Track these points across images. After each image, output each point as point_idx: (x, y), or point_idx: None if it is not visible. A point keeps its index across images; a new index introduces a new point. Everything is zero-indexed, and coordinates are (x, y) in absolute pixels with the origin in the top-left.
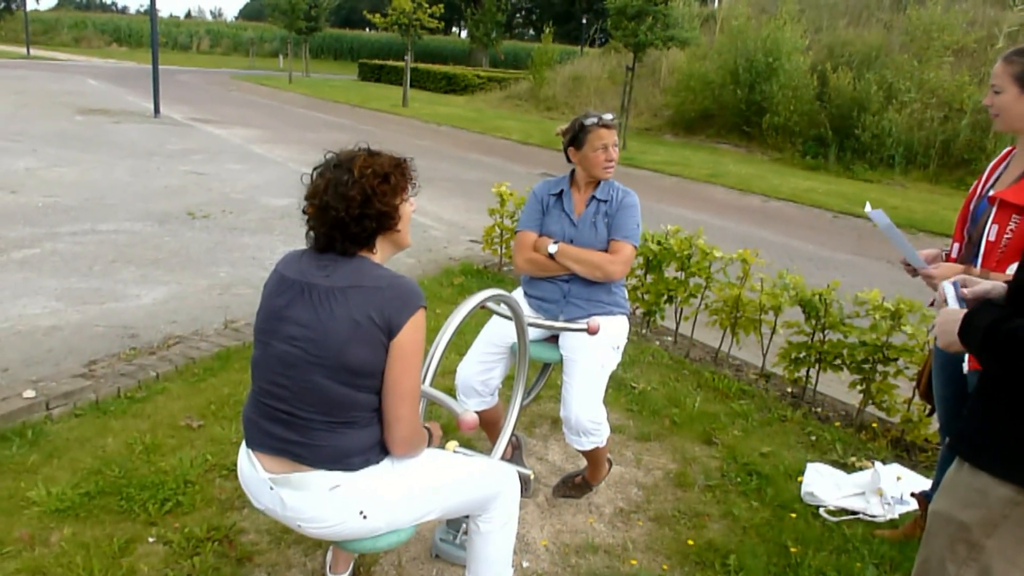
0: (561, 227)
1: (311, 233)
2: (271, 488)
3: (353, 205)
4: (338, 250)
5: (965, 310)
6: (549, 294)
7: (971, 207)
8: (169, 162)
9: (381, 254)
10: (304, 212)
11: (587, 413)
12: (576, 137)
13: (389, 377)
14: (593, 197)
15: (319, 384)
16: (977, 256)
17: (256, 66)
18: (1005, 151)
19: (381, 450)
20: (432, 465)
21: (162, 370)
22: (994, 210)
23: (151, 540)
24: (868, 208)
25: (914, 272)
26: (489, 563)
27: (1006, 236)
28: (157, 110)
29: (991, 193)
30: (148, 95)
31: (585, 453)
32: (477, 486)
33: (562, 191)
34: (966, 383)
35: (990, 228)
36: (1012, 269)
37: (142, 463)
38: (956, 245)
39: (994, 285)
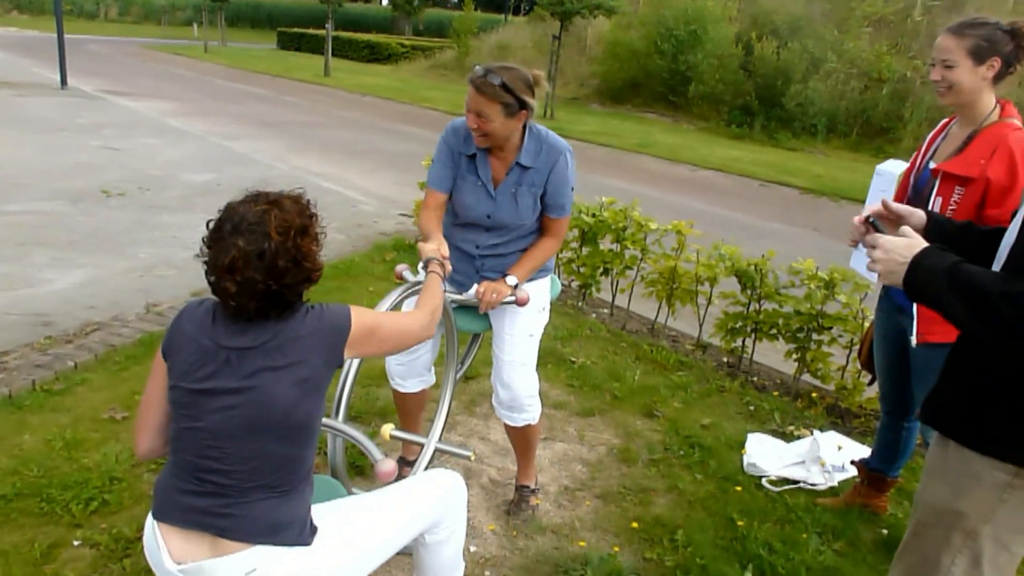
0: (476, 198)
1: (230, 302)
2: None
3: (285, 275)
4: (272, 317)
5: (916, 243)
6: (462, 267)
7: (911, 178)
8: (80, 137)
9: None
10: (212, 284)
11: (521, 386)
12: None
13: (379, 350)
14: (516, 163)
15: (263, 450)
16: None
17: (169, 35)
18: (943, 122)
19: (311, 528)
20: (364, 534)
21: (81, 359)
22: (937, 182)
23: (76, 543)
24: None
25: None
26: (436, 570)
27: (950, 208)
28: (64, 82)
29: (933, 165)
30: (54, 66)
31: (515, 437)
32: (422, 521)
33: (475, 154)
34: (908, 354)
35: (934, 200)
36: None
37: (63, 460)
38: None
39: (912, 210)
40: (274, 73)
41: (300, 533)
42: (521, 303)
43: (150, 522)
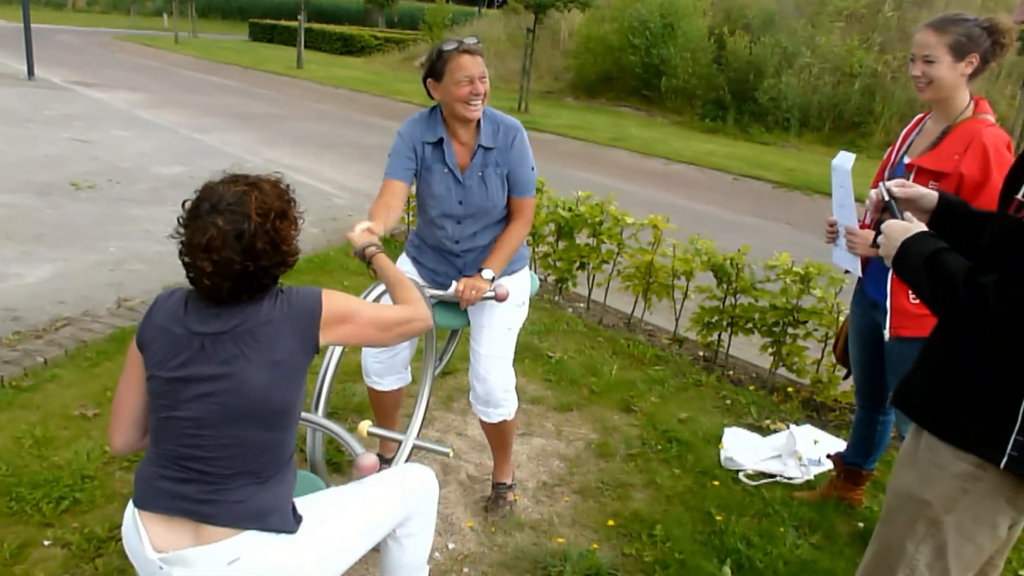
0: (446, 186)
1: (204, 282)
2: (160, 568)
3: (262, 257)
4: (244, 300)
5: (913, 227)
6: (442, 267)
7: (885, 174)
8: (48, 129)
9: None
10: (186, 265)
11: (497, 379)
12: (434, 66)
13: (360, 338)
14: (480, 146)
15: (243, 436)
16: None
17: (139, 26)
18: (917, 118)
19: (295, 517)
20: (347, 523)
21: (50, 355)
22: (912, 177)
23: (47, 543)
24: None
25: (832, 236)
26: (403, 567)
27: None
28: (31, 72)
29: (907, 160)
30: (20, 56)
31: (491, 433)
32: (395, 518)
33: (441, 139)
34: (882, 348)
35: None
36: None
37: (33, 459)
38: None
39: (925, 192)
40: (246, 65)
41: (285, 520)
42: (501, 298)
43: (130, 512)
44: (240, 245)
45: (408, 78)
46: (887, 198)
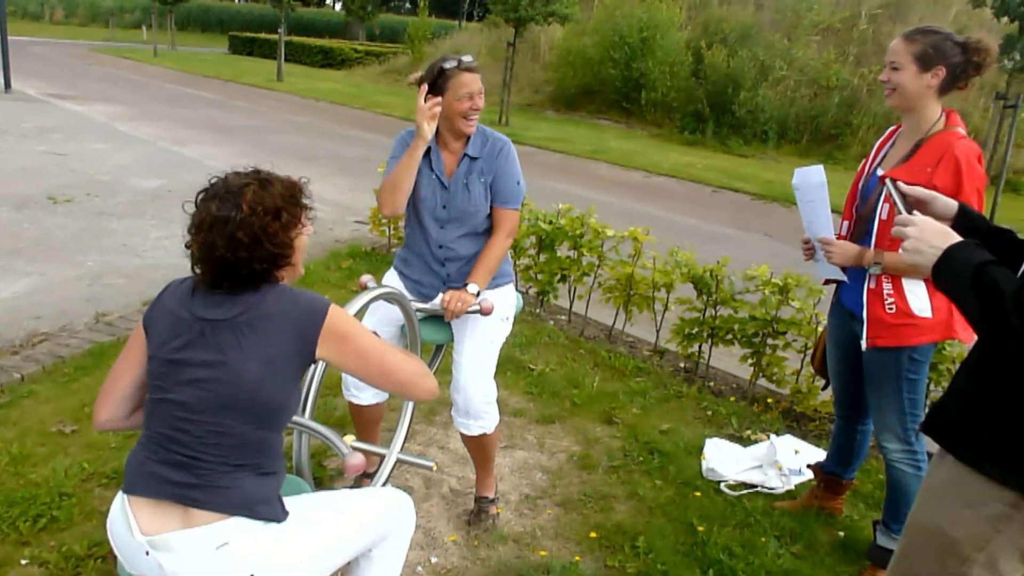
0: (432, 189)
1: (194, 263)
2: (147, 553)
3: (241, 248)
4: (226, 288)
5: (951, 232)
6: (426, 279)
7: (859, 185)
8: (24, 141)
9: (286, 280)
10: (187, 246)
11: (478, 391)
12: (435, 83)
13: (353, 366)
14: (465, 155)
15: (230, 427)
16: (870, 234)
17: (117, 38)
18: (891, 129)
19: (283, 508)
20: (332, 522)
21: (27, 371)
22: (885, 189)
23: (24, 562)
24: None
25: (810, 253)
26: None
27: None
28: (8, 84)
29: (880, 172)
30: None
31: (472, 446)
32: (377, 530)
33: (429, 148)
34: (860, 359)
35: (881, 207)
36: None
37: (9, 476)
38: (846, 223)
39: (936, 195)
40: (225, 78)
41: (273, 509)
42: (486, 312)
43: (118, 499)
44: (223, 232)
45: (387, 90)
46: (893, 193)
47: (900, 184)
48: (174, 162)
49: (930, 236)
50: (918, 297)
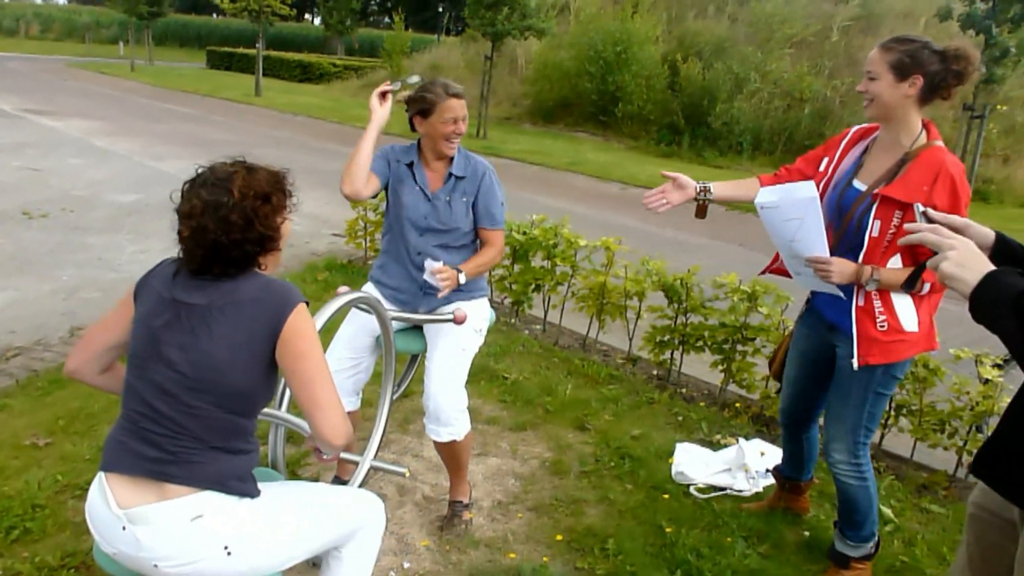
0: (415, 200)
1: (183, 248)
2: (124, 528)
3: (234, 230)
4: (215, 272)
5: (983, 256)
6: (404, 285)
7: (833, 196)
8: None
9: (269, 269)
10: (178, 232)
11: (448, 398)
12: (425, 107)
13: (290, 373)
14: (451, 174)
15: (202, 410)
16: (855, 250)
17: (94, 53)
18: (854, 131)
19: (256, 486)
20: (303, 505)
21: (1, 385)
22: (876, 206)
23: None
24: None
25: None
26: None
27: (890, 231)
28: None
29: (861, 186)
30: None
31: (444, 453)
32: (346, 523)
33: (413, 163)
34: (829, 371)
35: (873, 223)
36: (892, 263)
37: None
38: None
39: (969, 223)
40: (203, 92)
41: (246, 486)
42: (459, 321)
43: (97, 479)
44: (216, 216)
45: (365, 104)
46: (921, 219)
47: (930, 211)
48: (151, 177)
49: (974, 259)
50: (907, 312)
